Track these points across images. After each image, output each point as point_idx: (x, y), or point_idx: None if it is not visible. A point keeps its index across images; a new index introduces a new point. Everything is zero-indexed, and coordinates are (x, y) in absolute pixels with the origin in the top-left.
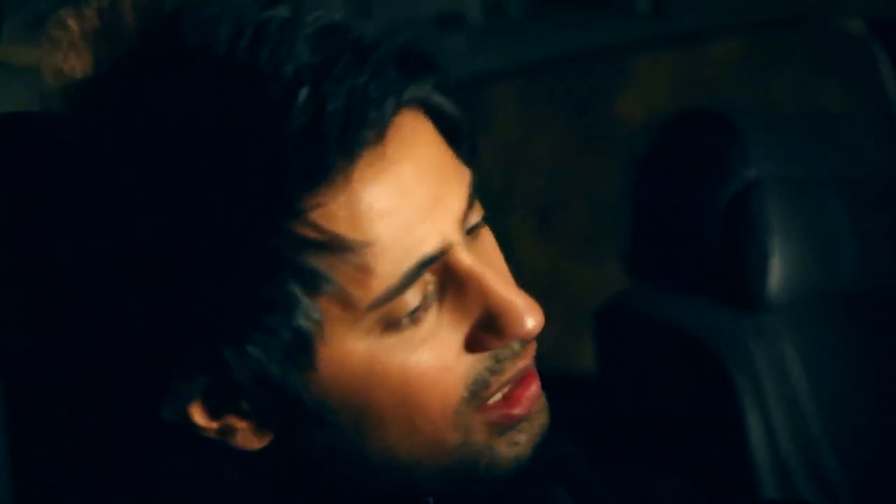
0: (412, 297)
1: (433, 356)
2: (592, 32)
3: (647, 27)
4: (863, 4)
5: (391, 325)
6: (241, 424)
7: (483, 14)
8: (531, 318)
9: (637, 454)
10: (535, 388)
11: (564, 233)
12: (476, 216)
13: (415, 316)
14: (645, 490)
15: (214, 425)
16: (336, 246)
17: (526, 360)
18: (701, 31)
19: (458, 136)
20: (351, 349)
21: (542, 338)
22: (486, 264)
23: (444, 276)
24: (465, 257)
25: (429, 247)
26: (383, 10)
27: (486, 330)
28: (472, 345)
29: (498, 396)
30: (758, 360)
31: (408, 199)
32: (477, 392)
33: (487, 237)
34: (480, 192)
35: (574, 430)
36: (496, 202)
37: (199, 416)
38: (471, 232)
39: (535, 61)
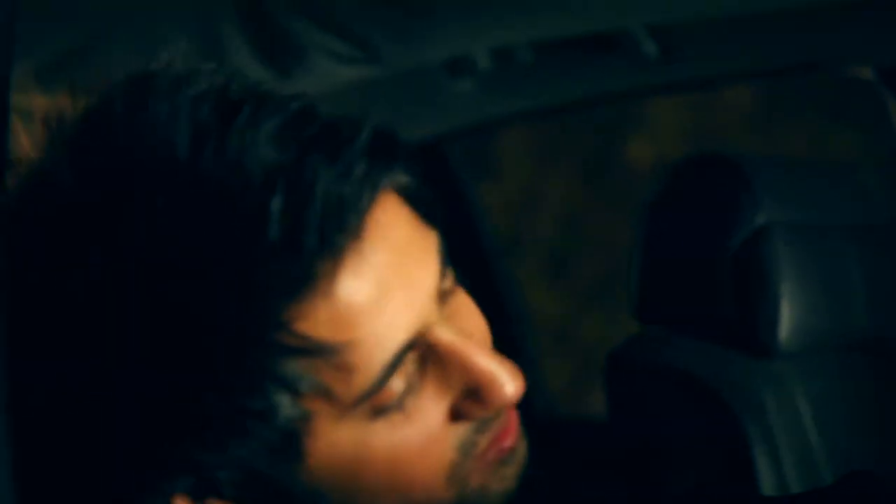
0: (397, 383)
1: (419, 432)
2: (601, 78)
3: (656, 73)
4: (873, 52)
5: (378, 412)
6: None
7: (491, 60)
8: (512, 387)
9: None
10: (515, 419)
11: (575, 279)
12: (448, 280)
13: (399, 401)
14: None
15: None
16: (317, 350)
17: (510, 412)
18: (711, 76)
19: (423, 203)
20: (338, 439)
21: (553, 383)
22: (464, 332)
23: (424, 353)
24: (443, 333)
25: (406, 333)
26: (392, 59)
27: (470, 399)
28: (457, 415)
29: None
30: (769, 408)
31: (385, 290)
32: (467, 453)
33: (461, 298)
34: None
35: (585, 470)
36: (505, 248)
37: None
38: (445, 298)
39: (545, 107)
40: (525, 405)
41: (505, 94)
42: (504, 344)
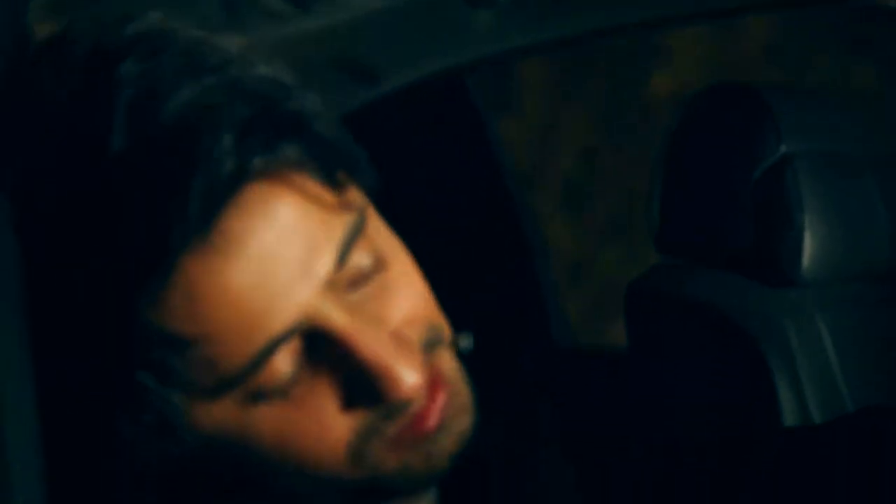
0: (279, 368)
1: (308, 418)
2: (622, 8)
3: (678, 3)
4: None
5: (257, 398)
6: None
7: None
8: (408, 382)
9: (664, 432)
10: (442, 398)
11: (595, 212)
12: (365, 258)
13: (283, 387)
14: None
15: None
16: (175, 340)
17: (435, 393)
18: (733, 7)
19: (336, 180)
20: (219, 420)
21: (572, 315)
22: (374, 320)
23: (315, 341)
24: (335, 320)
25: (281, 324)
26: None
27: (365, 390)
28: (353, 404)
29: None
30: (791, 338)
31: (251, 283)
32: (369, 438)
33: (389, 278)
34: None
35: (603, 406)
36: (525, 182)
37: None
38: (356, 282)
39: (564, 38)
40: (544, 336)
41: (525, 26)
42: (524, 277)
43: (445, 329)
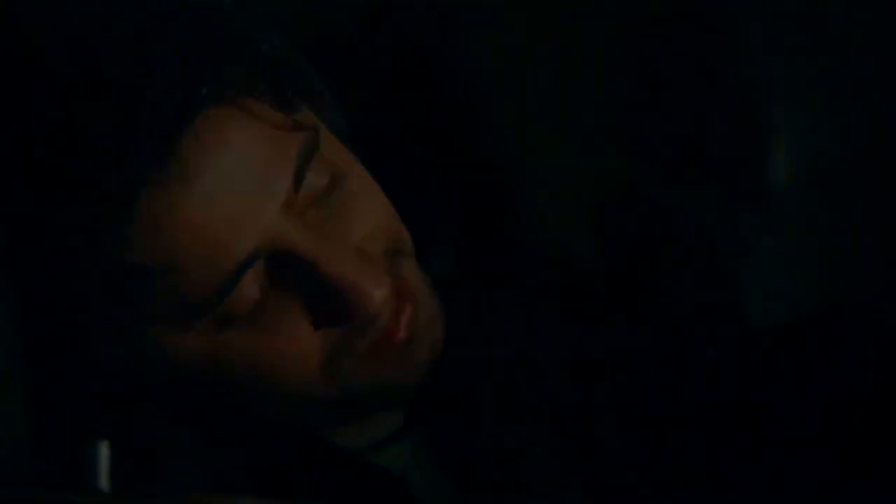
0: (247, 292)
1: (280, 340)
2: None
3: None
4: None
5: (227, 322)
6: None
7: None
8: (373, 296)
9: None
10: (409, 309)
11: None
12: (322, 177)
13: (252, 311)
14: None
15: None
16: (143, 273)
17: (390, 313)
18: None
19: (292, 97)
20: (192, 349)
21: None
22: (335, 237)
23: (279, 262)
24: (297, 240)
25: (244, 249)
26: None
27: (333, 308)
28: (322, 322)
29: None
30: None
31: (212, 210)
32: (341, 355)
33: (348, 195)
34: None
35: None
36: None
37: None
38: (316, 200)
39: None
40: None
41: None
42: None
43: (408, 240)
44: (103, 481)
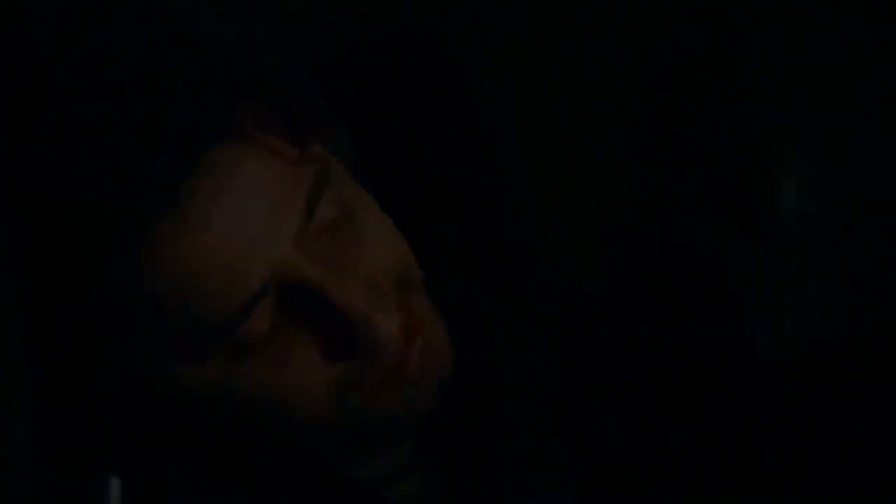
0: (258, 324)
1: (291, 372)
2: None
3: None
4: None
5: (237, 354)
6: None
7: None
8: (383, 329)
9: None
10: (419, 341)
11: None
12: (333, 209)
13: (264, 342)
14: None
15: None
16: (154, 305)
17: (400, 346)
18: None
19: (303, 131)
20: (203, 381)
21: None
22: (347, 269)
23: (289, 295)
24: (308, 272)
25: (256, 281)
26: None
27: (344, 340)
28: (333, 354)
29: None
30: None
31: (225, 242)
32: (352, 387)
33: (359, 226)
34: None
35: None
36: None
37: None
38: (325, 232)
39: None
40: None
41: None
42: None
43: (417, 271)
44: None
